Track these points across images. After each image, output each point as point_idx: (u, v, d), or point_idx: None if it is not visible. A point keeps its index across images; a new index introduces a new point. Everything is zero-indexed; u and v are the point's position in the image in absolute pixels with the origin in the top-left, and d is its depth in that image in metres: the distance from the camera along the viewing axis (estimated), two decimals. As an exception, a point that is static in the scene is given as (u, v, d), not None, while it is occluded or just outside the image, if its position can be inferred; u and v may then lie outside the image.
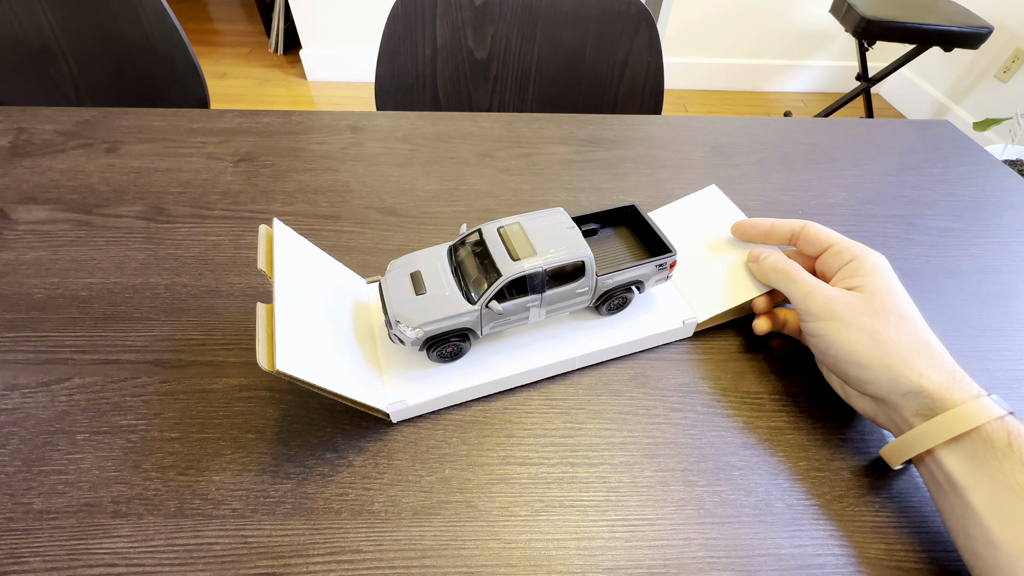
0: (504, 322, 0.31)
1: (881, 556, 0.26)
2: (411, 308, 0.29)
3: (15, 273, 0.39)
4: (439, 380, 0.31)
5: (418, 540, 0.26)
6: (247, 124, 0.56)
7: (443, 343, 0.30)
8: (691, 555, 0.26)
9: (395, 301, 0.30)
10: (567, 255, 0.29)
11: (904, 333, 0.27)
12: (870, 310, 0.28)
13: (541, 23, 0.71)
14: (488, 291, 0.29)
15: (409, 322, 0.29)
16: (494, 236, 0.30)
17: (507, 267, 0.29)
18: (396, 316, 0.29)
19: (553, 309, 0.32)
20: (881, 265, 0.30)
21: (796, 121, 0.61)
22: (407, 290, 0.30)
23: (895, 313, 0.27)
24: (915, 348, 0.26)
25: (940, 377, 0.25)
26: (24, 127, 0.54)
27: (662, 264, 0.33)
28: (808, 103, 2.17)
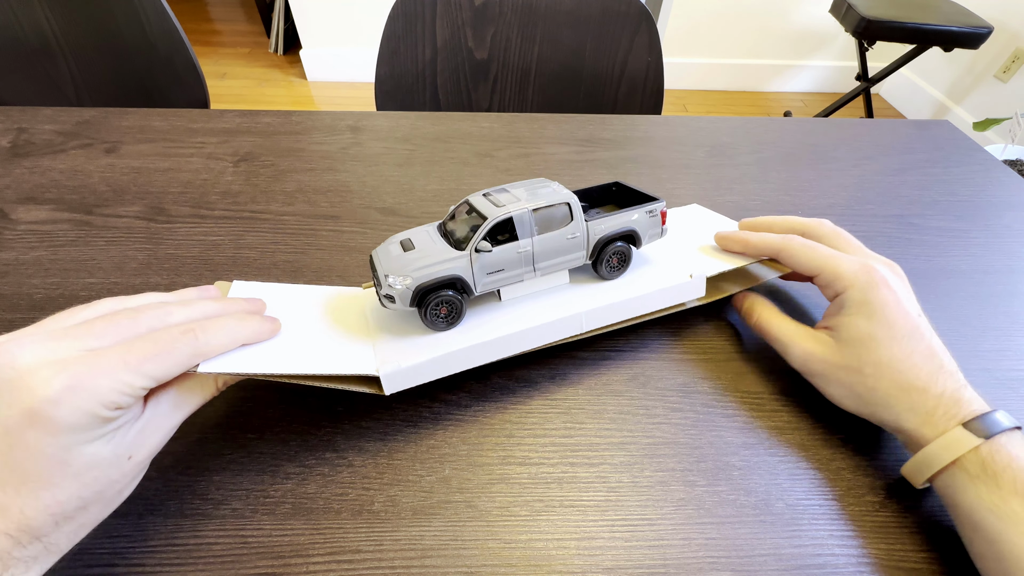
0: (498, 277, 0.30)
1: (881, 556, 0.26)
2: (400, 263, 0.29)
3: (15, 273, 0.39)
4: (437, 344, 0.29)
5: (418, 540, 0.26)
6: (247, 124, 0.56)
7: (436, 299, 0.28)
8: (691, 555, 0.26)
9: (384, 262, 0.30)
10: (551, 198, 0.30)
11: (881, 382, 0.28)
12: (844, 364, 0.29)
13: (541, 23, 0.71)
14: (477, 235, 0.28)
15: (398, 272, 0.28)
16: (480, 199, 0.31)
17: (492, 212, 0.29)
18: (385, 271, 0.29)
19: (548, 265, 0.31)
20: (864, 299, 0.29)
21: (796, 121, 0.62)
22: (396, 252, 0.30)
23: (869, 363, 0.28)
24: (891, 394, 0.27)
25: (917, 419, 0.27)
26: (24, 127, 0.54)
27: (652, 212, 0.32)
28: (808, 103, 2.17)
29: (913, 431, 0.27)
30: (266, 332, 0.27)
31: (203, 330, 0.23)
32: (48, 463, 0.19)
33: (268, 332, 0.27)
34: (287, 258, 0.41)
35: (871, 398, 0.28)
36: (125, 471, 0.22)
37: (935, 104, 1.99)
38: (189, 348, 0.22)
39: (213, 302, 0.27)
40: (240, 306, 0.27)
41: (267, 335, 0.27)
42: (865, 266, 0.30)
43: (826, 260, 0.31)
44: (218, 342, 0.24)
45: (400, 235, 0.32)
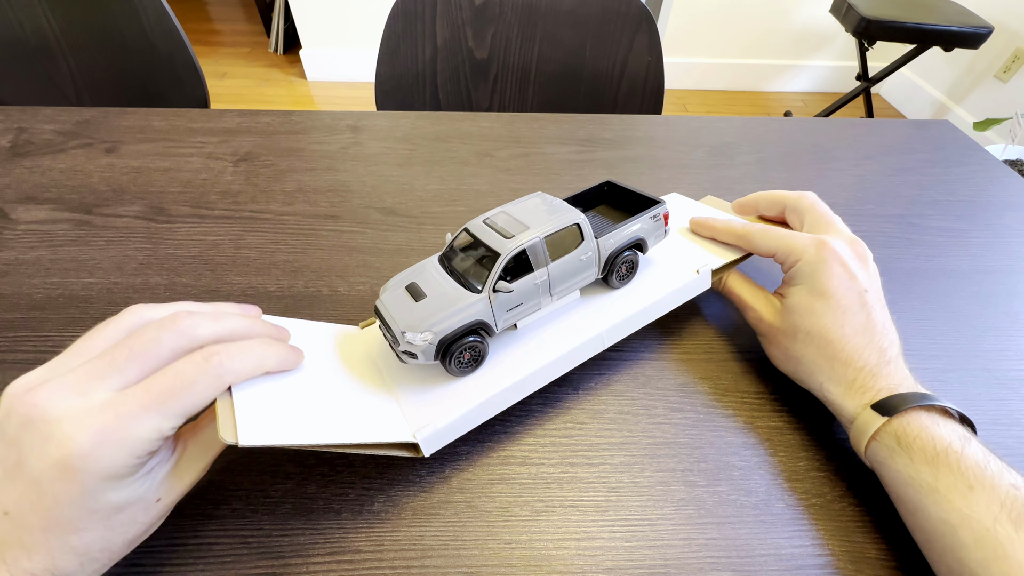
0: (517, 311, 0.29)
1: (882, 556, 0.26)
2: (416, 315, 0.27)
3: (15, 273, 0.39)
4: (465, 393, 0.28)
5: (418, 540, 0.26)
6: (247, 124, 0.56)
7: (458, 348, 0.27)
8: (691, 555, 0.26)
9: (397, 315, 0.28)
10: (561, 220, 0.29)
11: (809, 348, 0.30)
12: (782, 329, 0.31)
13: (541, 23, 0.71)
14: (492, 273, 0.27)
15: (416, 327, 0.27)
16: (482, 228, 0.29)
17: (504, 246, 0.27)
18: (402, 327, 0.27)
19: (563, 289, 0.30)
20: (812, 271, 0.30)
21: (796, 121, 0.61)
22: (406, 302, 0.28)
23: (802, 331, 0.30)
24: (816, 362, 0.30)
25: (837, 389, 0.29)
26: (24, 127, 0.54)
27: (655, 216, 0.33)
28: (808, 103, 2.17)
29: (834, 401, 0.29)
30: (291, 362, 0.25)
31: (228, 355, 0.22)
32: (77, 511, 0.19)
33: (293, 362, 0.25)
34: (287, 258, 0.41)
35: (800, 365, 0.30)
36: (152, 513, 0.22)
37: (935, 104, 1.99)
38: (212, 379, 0.21)
39: (242, 318, 0.25)
40: (268, 330, 0.26)
41: (292, 365, 0.25)
42: (818, 241, 0.31)
43: (781, 240, 0.32)
44: (242, 367, 0.22)
45: (402, 277, 0.31)
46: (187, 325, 0.22)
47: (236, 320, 0.25)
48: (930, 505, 0.24)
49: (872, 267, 0.31)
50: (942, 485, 0.24)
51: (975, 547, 0.22)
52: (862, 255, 0.31)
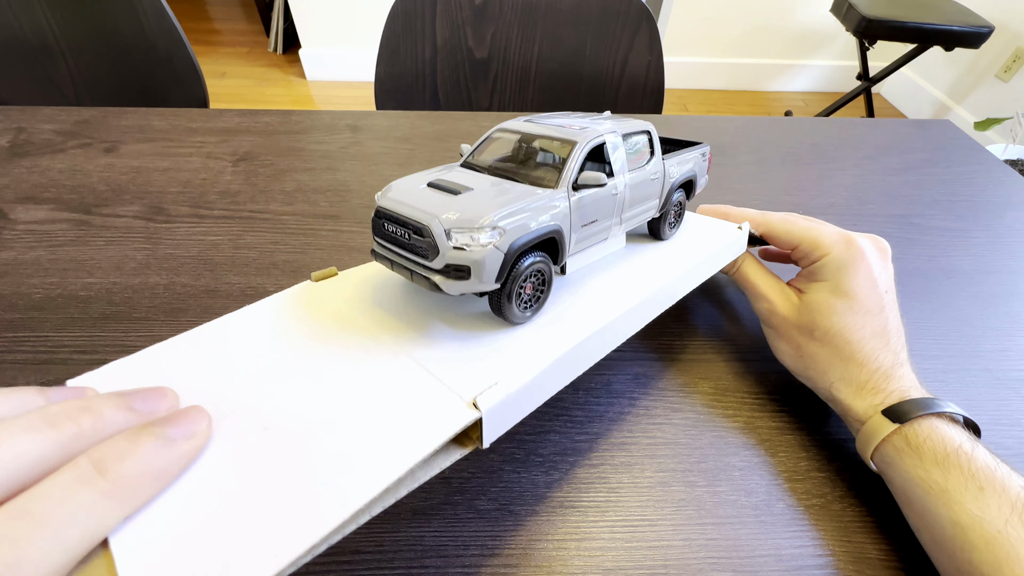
0: (589, 232, 0.22)
1: (882, 556, 0.26)
2: (467, 208, 0.18)
3: (14, 273, 0.38)
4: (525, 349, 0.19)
5: (418, 540, 0.26)
6: (246, 124, 0.56)
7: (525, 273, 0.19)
8: (691, 555, 0.26)
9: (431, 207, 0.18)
10: (631, 125, 0.24)
11: (825, 348, 0.29)
12: (799, 324, 0.30)
13: (541, 22, 0.71)
14: (569, 165, 0.20)
15: (474, 222, 0.17)
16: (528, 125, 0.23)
17: (579, 134, 0.21)
18: (449, 223, 0.18)
19: (631, 215, 0.25)
20: (839, 268, 0.30)
21: (797, 121, 0.61)
22: (437, 196, 0.19)
23: (820, 328, 0.29)
24: (831, 361, 0.29)
25: (848, 389, 0.28)
26: (23, 127, 0.53)
27: (704, 154, 0.30)
28: (809, 103, 2.16)
29: (843, 401, 0.28)
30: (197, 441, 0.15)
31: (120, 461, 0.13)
32: None
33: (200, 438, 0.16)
34: (287, 258, 0.41)
35: (811, 362, 0.30)
36: None
37: (936, 104, 1.99)
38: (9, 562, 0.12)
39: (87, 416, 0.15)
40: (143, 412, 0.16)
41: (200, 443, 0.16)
42: (846, 238, 0.30)
43: (806, 232, 0.31)
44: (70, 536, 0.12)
45: (414, 178, 0.22)
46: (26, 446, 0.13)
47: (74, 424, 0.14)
48: (940, 506, 0.23)
49: (890, 266, 0.31)
50: (952, 486, 0.23)
51: (986, 549, 0.22)
52: (884, 251, 0.31)
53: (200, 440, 0.15)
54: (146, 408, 0.16)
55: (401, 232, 0.19)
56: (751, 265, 0.34)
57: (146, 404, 0.16)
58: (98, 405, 0.15)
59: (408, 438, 0.15)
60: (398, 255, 0.20)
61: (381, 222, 0.20)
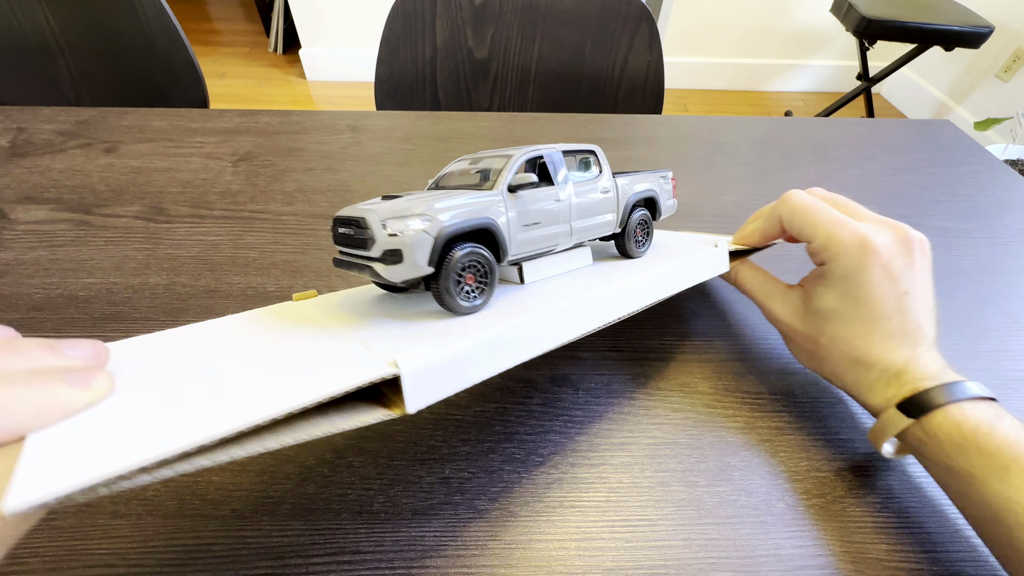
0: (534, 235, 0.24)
1: (883, 556, 0.26)
2: (402, 204, 0.20)
3: (14, 273, 0.38)
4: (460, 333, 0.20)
5: (418, 540, 0.26)
6: (246, 124, 0.56)
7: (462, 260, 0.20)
8: (692, 555, 0.26)
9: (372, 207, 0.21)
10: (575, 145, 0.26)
11: (832, 353, 0.29)
12: (804, 331, 0.30)
13: (541, 22, 0.71)
14: (505, 170, 0.22)
15: (406, 212, 0.19)
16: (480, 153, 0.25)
17: (517, 151, 0.23)
18: (383, 214, 0.20)
19: (583, 228, 0.26)
20: (847, 274, 0.28)
21: (797, 121, 0.61)
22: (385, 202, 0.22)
23: (826, 335, 0.29)
24: (840, 365, 0.29)
25: (860, 388, 0.28)
26: (23, 127, 0.53)
27: (664, 176, 0.31)
28: (809, 103, 2.16)
29: (858, 397, 0.29)
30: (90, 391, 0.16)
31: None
32: None
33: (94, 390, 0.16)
34: (287, 258, 0.41)
35: (822, 365, 0.30)
36: None
37: (936, 104, 1.99)
38: None
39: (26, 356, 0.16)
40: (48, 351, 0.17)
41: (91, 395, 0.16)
42: (861, 239, 0.28)
43: (821, 227, 0.29)
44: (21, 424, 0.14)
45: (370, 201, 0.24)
46: None
47: None
48: (970, 491, 0.23)
49: (919, 256, 0.28)
50: (977, 471, 0.23)
51: (1020, 528, 0.22)
52: (907, 244, 0.28)
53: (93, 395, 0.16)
54: (73, 355, 0.17)
55: (348, 231, 0.21)
56: (745, 273, 0.33)
57: (75, 351, 0.17)
58: (28, 346, 0.17)
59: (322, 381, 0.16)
60: (351, 255, 0.22)
61: (336, 228, 0.23)
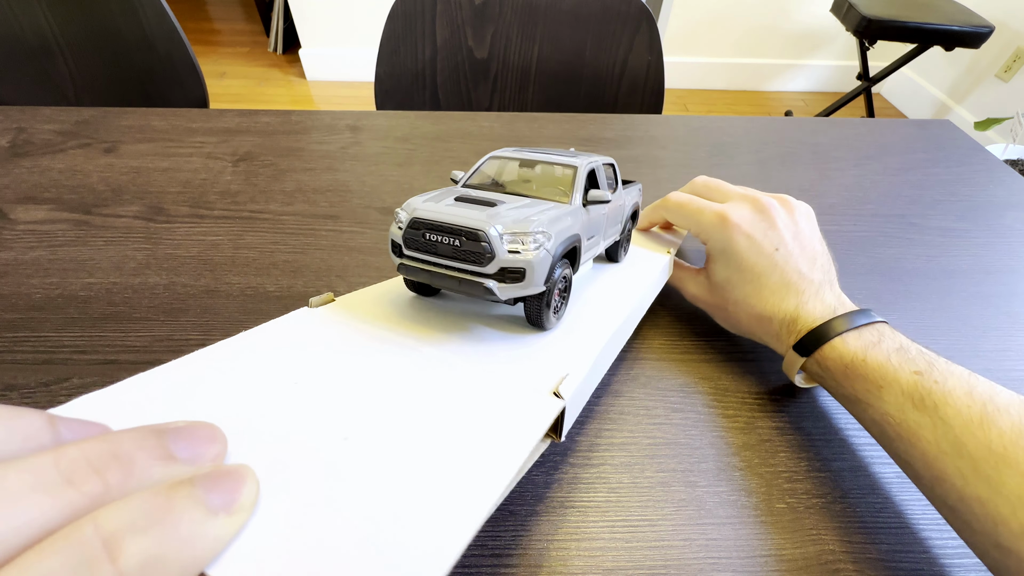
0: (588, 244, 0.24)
1: (883, 556, 0.26)
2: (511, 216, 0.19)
3: (14, 273, 0.38)
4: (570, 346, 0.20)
5: (418, 541, 0.26)
6: (246, 124, 0.56)
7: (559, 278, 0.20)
8: (692, 556, 0.26)
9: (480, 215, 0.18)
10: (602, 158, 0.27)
11: (740, 315, 0.33)
12: (714, 303, 0.34)
13: (541, 22, 0.71)
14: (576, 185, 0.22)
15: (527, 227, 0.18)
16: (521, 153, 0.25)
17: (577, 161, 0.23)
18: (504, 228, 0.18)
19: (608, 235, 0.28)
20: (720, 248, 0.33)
21: (797, 121, 0.61)
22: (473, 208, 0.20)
23: (730, 302, 0.33)
24: (750, 324, 0.33)
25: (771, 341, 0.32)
26: (23, 127, 0.53)
27: (640, 190, 0.34)
28: (809, 102, 2.16)
29: (773, 347, 0.32)
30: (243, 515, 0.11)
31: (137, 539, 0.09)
32: None
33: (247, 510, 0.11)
34: (287, 258, 0.41)
35: (739, 327, 0.34)
36: None
37: (936, 103, 1.99)
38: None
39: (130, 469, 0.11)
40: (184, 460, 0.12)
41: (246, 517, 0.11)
42: (720, 217, 0.33)
43: (691, 219, 0.34)
44: None
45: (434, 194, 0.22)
46: None
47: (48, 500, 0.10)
48: (861, 414, 0.27)
49: (780, 216, 0.33)
50: (860, 394, 0.27)
51: (897, 439, 0.25)
52: (763, 210, 0.33)
53: (244, 516, 0.11)
54: (189, 455, 0.11)
55: (448, 240, 0.19)
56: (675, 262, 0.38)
57: (190, 449, 0.11)
58: (128, 449, 0.11)
59: (508, 435, 0.15)
60: (440, 265, 0.19)
61: (421, 232, 0.19)
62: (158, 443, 0.11)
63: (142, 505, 0.10)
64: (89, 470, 0.10)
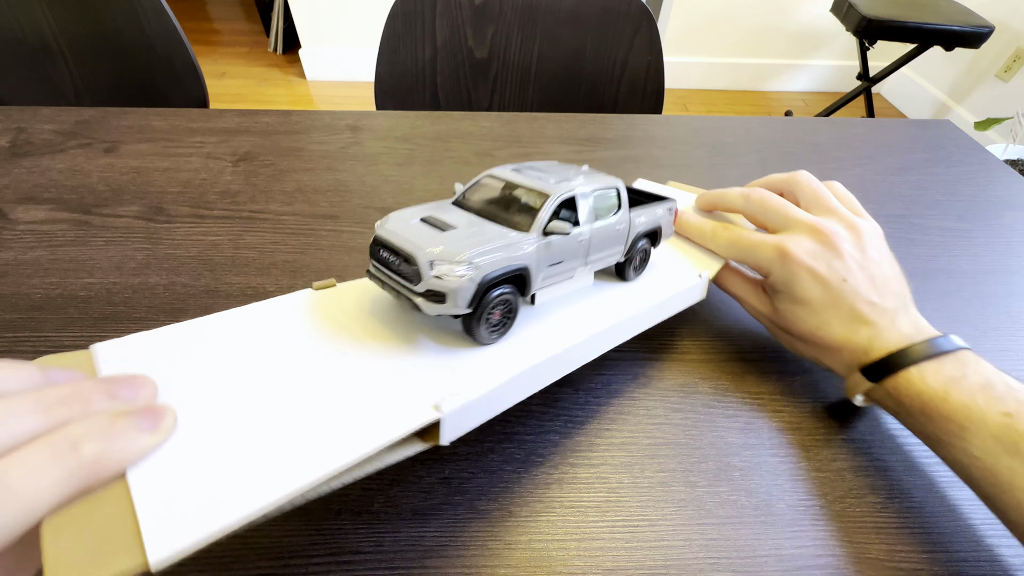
0: (554, 272, 0.25)
1: (882, 557, 0.26)
2: (449, 243, 0.21)
3: (14, 273, 0.38)
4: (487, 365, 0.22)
5: (418, 540, 0.26)
6: (246, 124, 0.56)
7: (494, 300, 0.22)
8: (692, 556, 0.26)
9: (420, 240, 0.22)
10: (603, 181, 0.26)
11: (805, 347, 0.32)
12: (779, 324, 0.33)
13: (541, 22, 0.71)
14: (542, 213, 0.23)
15: (451, 256, 0.21)
16: (513, 174, 0.26)
17: (553, 188, 0.24)
18: (432, 255, 0.21)
19: (596, 259, 0.28)
20: (782, 282, 0.31)
21: (797, 121, 0.61)
22: (427, 231, 0.23)
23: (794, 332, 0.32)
24: (815, 354, 0.32)
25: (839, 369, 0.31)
26: (23, 127, 0.53)
27: (669, 208, 0.32)
28: (809, 102, 2.16)
29: (838, 374, 0.31)
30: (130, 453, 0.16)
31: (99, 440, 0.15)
32: None
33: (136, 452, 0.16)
34: (286, 258, 0.41)
35: (803, 353, 0.33)
36: None
37: (936, 103, 1.99)
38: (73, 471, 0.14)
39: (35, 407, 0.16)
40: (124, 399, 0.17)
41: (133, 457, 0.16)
42: (780, 251, 0.31)
43: (747, 253, 0.33)
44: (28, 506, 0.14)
45: (409, 211, 0.25)
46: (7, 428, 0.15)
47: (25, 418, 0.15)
48: (941, 452, 0.26)
49: (847, 246, 0.30)
50: (942, 434, 0.25)
51: (987, 485, 0.24)
52: (829, 242, 0.30)
53: (162, 435, 0.17)
54: (128, 396, 0.18)
55: (393, 259, 0.23)
56: (725, 275, 0.36)
57: (129, 392, 0.18)
58: (88, 392, 0.17)
59: (381, 425, 0.19)
60: (389, 277, 0.23)
61: (377, 248, 0.24)
62: (108, 388, 0.17)
63: (96, 422, 0.16)
64: (60, 403, 0.16)
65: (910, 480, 0.29)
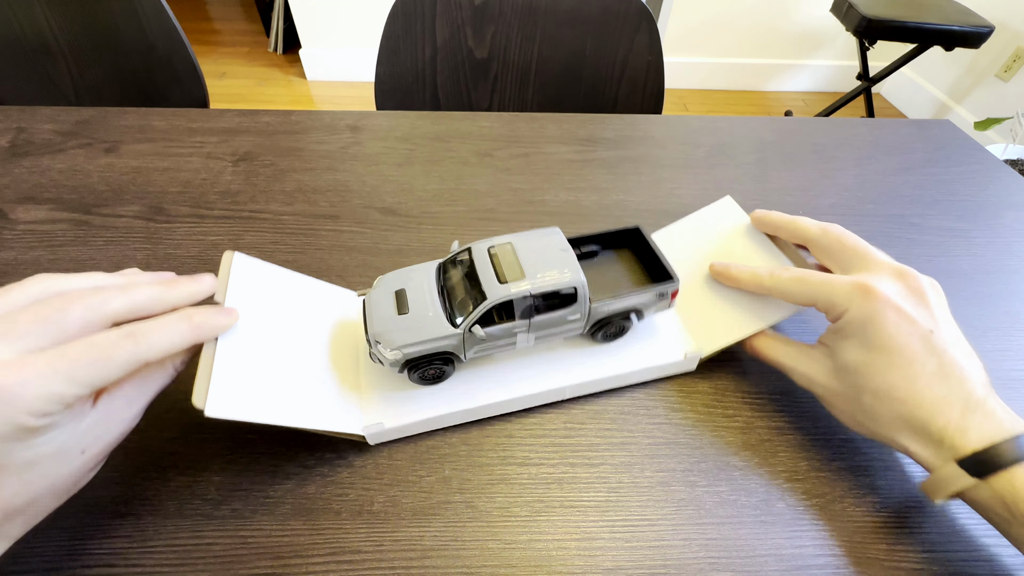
0: (490, 347, 0.29)
1: (882, 556, 0.26)
2: (391, 328, 0.28)
3: (14, 273, 0.38)
4: (420, 404, 0.30)
5: (418, 540, 0.26)
6: (246, 124, 0.56)
7: (425, 366, 0.29)
8: (691, 555, 0.26)
9: (376, 320, 0.29)
10: (558, 280, 0.28)
11: (881, 409, 0.26)
12: (841, 392, 0.28)
13: (541, 22, 0.71)
14: (472, 315, 0.27)
15: (388, 343, 0.28)
16: (483, 256, 0.29)
17: (493, 290, 0.27)
18: (375, 336, 0.28)
19: (543, 335, 0.30)
20: (861, 323, 0.27)
21: (797, 121, 0.61)
22: (390, 308, 0.29)
23: (867, 391, 0.27)
24: (892, 423, 0.26)
25: (922, 451, 0.25)
26: (23, 127, 0.53)
27: (662, 293, 0.31)
28: (809, 102, 2.16)
29: (921, 460, 0.26)
30: (218, 327, 0.24)
31: (144, 335, 0.21)
32: None
33: (220, 328, 0.24)
34: (287, 258, 0.41)
35: (873, 425, 0.27)
36: (77, 465, 0.21)
37: (936, 103, 1.99)
38: (128, 355, 0.21)
39: (156, 287, 0.24)
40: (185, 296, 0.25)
41: (219, 330, 0.24)
42: (863, 288, 0.27)
43: (819, 289, 0.29)
44: (161, 346, 0.22)
45: (396, 277, 0.31)
46: (97, 300, 0.22)
47: (148, 290, 0.23)
48: None
49: (932, 297, 0.27)
50: None
51: None
52: (916, 288, 0.27)
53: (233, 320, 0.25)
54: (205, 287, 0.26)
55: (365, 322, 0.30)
56: (763, 343, 0.32)
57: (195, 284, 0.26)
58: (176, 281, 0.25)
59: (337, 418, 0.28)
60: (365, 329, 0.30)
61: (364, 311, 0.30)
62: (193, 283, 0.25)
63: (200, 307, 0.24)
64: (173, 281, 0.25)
65: (910, 480, 0.29)
